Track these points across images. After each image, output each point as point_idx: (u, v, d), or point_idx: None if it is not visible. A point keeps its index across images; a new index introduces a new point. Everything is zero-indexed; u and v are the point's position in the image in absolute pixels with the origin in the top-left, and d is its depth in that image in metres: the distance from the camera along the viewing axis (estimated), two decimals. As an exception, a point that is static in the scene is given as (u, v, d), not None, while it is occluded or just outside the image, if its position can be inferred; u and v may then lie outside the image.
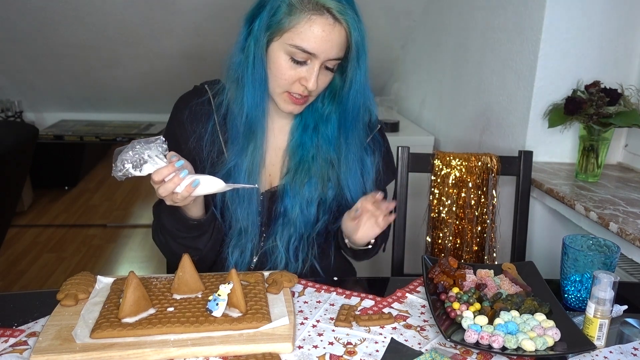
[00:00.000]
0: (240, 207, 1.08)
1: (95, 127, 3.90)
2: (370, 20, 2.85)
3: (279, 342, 0.79)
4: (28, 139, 2.21)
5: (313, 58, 0.97)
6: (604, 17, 1.58)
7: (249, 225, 1.09)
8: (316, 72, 0.98)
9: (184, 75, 3.29)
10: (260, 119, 1.05)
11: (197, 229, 1.03)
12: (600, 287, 0.82)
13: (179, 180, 0.88)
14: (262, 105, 1.04)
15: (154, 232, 1.11)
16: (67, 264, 2.85)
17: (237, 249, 1.11)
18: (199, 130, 1.08)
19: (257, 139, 1.06)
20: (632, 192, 1.42)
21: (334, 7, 0.94)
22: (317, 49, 0.96)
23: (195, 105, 1.10)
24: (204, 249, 1.07)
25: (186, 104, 1.11)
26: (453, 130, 2.33)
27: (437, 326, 0.85)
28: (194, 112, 1.09)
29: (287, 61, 0.98)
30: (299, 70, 0.99)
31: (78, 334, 0.79)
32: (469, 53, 2.13)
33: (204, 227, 1.04)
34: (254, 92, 1.02)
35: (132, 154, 0.86)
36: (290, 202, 1.10)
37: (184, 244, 1.05)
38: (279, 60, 0.98)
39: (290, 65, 0.98)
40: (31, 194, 3.67)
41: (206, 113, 1.09)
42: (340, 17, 0.95)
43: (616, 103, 1.45)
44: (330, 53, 0.97)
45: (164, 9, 2.81)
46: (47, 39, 3.09)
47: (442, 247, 1.55)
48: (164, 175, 0.88)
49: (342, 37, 0.97)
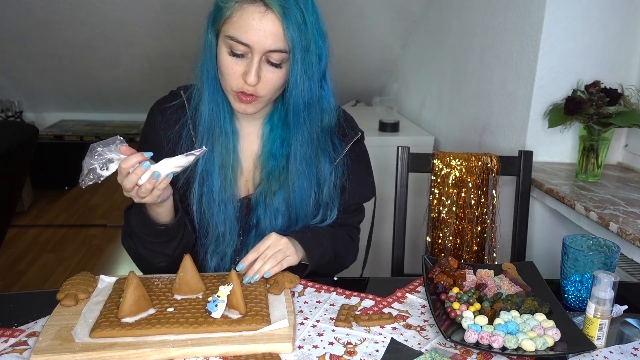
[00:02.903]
0: (217, 212, 1.06)
1: (95, 127, 3.91)
2: (370, 20, 2.88)
3: (279, 342, 0.79)
4: (28, 139, 2.21)
5: (250, 50, 0.92)
6: (604, 17, 1.58)
7: (227, 231, 1.07)
8: (255, 65, 0.92)
9: (184, 75, 3.28)
10: (219, 119, 1.02)
11: (165, 235, 1.01)
12: (600, 287, 0.82)
13: (140, 172, 0.87)
14: (221, 106, 1.01)
15: (123, 236, 1.09)
16: (67, 264, 2.85)
17: (216, 254, 1.09)
18: (172, 136, 1.06)
19: (223, 141, 1.03)
20: (632, 192, 1.42)
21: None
22: (249, 39, 0.90)
23: (168, 109, 1.08)
24: (172, 254, 1.04)
25: (159, 109, 1.08)
26: (453, 130, 2.33)
27: (437, 326, 0.85)
28: (167, 117, 1.07)
29: (228, 55, 0.94)
30: (240, 65, 0.94)
31: (78, 333, 0.79)
32: (469, 53, 2.13)
33: (173, 232, 1.02)
34: (210, 91, 1.00)
35: (96, 157, 0.87)
36: (262, 213, 1.07)
37: (152, 249, 1.03)
38: (221, 55, 0.94)
39: (231, 60, 0.94)
40: (31, 194, 3.67)
41: (179, 118, 1.06)
42: (272, 5, 0.89)
43: (616, 103, 1.45)
44: (265, 44, 0.90)
45: (164, 9, 2.81)
46: (47, 39, 3.10)
47: (442, 247, 1.55)
48: (132, 163, 0.87)
49: (276, 27, 0.90)
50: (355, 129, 1.15)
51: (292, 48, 0.91)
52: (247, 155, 1.10)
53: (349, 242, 1.18)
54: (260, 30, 0.90)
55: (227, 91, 0.99)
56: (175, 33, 3.02)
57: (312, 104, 1.00)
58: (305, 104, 0.99)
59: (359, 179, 1.16)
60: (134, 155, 0.87)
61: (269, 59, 0.93)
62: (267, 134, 1.08)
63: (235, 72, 0.94)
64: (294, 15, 0.90)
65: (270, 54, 0.92)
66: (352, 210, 1.17)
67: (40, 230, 3.27)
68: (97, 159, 0.87)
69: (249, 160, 1.10)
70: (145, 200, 0.91)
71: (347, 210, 1.16)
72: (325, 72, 1.01)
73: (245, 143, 1.09)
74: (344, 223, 1.17)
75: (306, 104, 0.99)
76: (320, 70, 0.98)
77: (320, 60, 0.97)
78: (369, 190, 1.19)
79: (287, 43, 0.91)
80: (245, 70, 0.94)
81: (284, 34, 0.91)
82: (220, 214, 1.06)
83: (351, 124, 1.16)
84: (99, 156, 0.87)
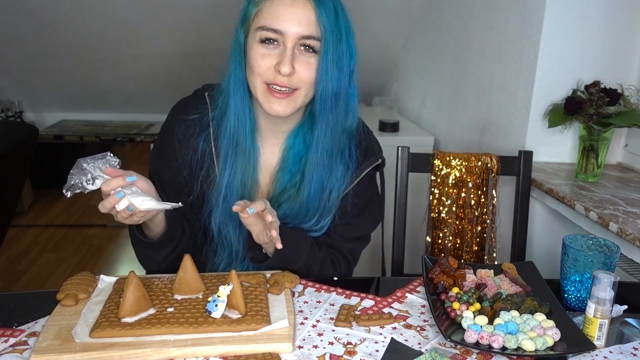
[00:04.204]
0: (233, 230, 1.05)
1: (95, 127, 3.90)
2: (370, 20, 2.88)
3: (279, 342, 0.79)
4: (28, 139, 2.21)
5: (282, 38, 0.91)
6: (604, 17, 1.58)
7: (240, 250, 1.07)
8: (289, 53, 0.91)
9: (184, 75, 3.29)
10: (243, 134, 1.01)
11: (154, 243, 1.01)
12: (600, 287, 0.82)
13: (114, 200, 0.86)
14: (247, 119, 1.00)
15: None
16: (67, 264, 2.85)
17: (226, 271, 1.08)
18: (190, 147, 1.04)
19: (246, 155, 1.02)
20: (632, 192, 1.42)
21: None
22: (280, 24, 0.90)
23: (189, 122, 1.05)
24: (162, 262, 1.04)
25: (180, 119, 1.06)
26: (453, 130, 2.33)
27: (437, 326, 0.85)
28: (187, 129, 1.05)
29: (259, 48, 0.92)
30: (273, 56, 0.92)
31: (78, 333, 0.79)
32: (469, 53, 2.13)
33: (162, 244, 1.01)
34: (237, 99, 0.98)
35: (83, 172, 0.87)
36: None
37: (144, 254, 1.04)
38: (252, 48, 0.93)
39: (262, 52, 0.92)
40: (31, 194, 3.67)
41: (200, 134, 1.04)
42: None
43: (616, 103, 1.45)
44: (297, 28, 0.90)
45: (164, 9, 2.81)
46: (47, 39, 3.10)
47: (442, 247, 1.55)
48: (113, 186, 0.86)
49: (308, 12, 0.90)
50: (379, 152, 1.13)
51: (324, 34, 0.91)
52: (265, 167, 1.08)
53: (327, 265, 1.11)
54: (291, 15, 0.90)
55: (258, 90, 0.96)
56: (175, 33, 3.02)
57: (340, 97, 0.98)
58: (334, 94, 0.96)
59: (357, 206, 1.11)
60: (114, 180, 0.87)
61: (303, 44, 0.92)
62: (288, 149, 1.06)
63: (267, 62, 0.93)
64: (327, 3, 0.90)
65: (303, 40, 0.92)
66: (349, 238, 1.13)
67: (40, 230, 3.27)
68: (84, 174, 0.87)
69: (266, 173, 1.09)
70: (126, 222, 0.92)
71: (344, 236, 1.12)
72: (353, 72, 0.99)
73: (265, 156, 1.07)
74: (332, 245, 1.12)
75: (335, 94, 0.96)
76: (350, 69, 0.98)
77: (350, 58, 0.96)
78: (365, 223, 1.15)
79: (320, 29, 0.91)
80: (278, 60, 0.92)
81: (316, 20, 0.90)
82: (236, 232, 1.06)
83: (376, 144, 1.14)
84: (86, 172, 0.87)
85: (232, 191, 1.03)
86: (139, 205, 0.88)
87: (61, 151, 3.84)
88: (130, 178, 0.88)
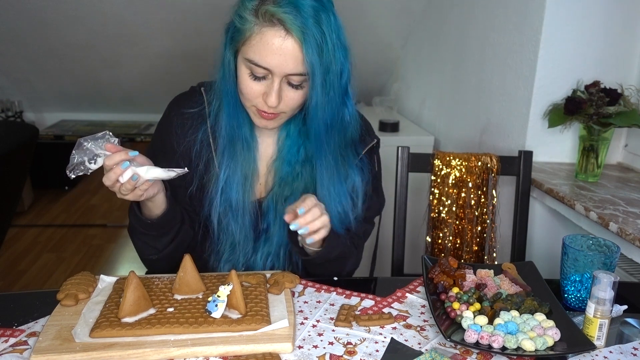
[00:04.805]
0: (234, 221, 1.06)
1: (95, 127, 3.90)
2: (370, 20, 2.88)
3: (279, 342, 0.79)
4: (28, 139, 2.21)
5: (271, 73, 0.92)
6: (604, 17, 1.58)
7: (242, 240, 1.08)
8: (276, 88, 0.92)
9: (184, 75, 3.29)
10: (240, 131, 1.02)
11: (154, 229, 1.02)
12: (600, 287, 0.82)
13: (120, 171, 0.87)
14: (241, 118, 1.02)
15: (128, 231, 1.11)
16: (67, 264, 2.85)
17: (229, 263, 1.10)
18: (189, 141, 1.06)
19: (244, 153, 1.04)
20: (632, 192, 1.42)
21: (285, 18, 0.87)
22: (270, 63, 0.90)
23: (186, 115, 1.07)
24: (163, 249, 1.05)
25: (178, 112, 1.07)
26: (453, 130, 2.33)
27: (437, 326, 0.85)
28: (185, 123, 1.07)
29: (248, 76, 0.94)
30: (261, 86, 0.94)
31: (78, 333, 0.79)
32: (469, 53, 2.13)
33: (162, 227, 1.02)
34: (229, 107, 1.00)
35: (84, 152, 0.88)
36: (272, 219, 1.07)
37: (144, 241, 1.04)
38: (241, 74, 0.95)
39: (252, 82, 0.94)
40: (31, 194, 3.67)
41: (198, 126, 1.06)
42: (292, 29, 0.87)
43: (616, 103, 1.45)
44: (286, 68, 0.90)
45: (164, 9, 2.81)
46: (47, 39, 3.10)
47: (442, 247, 1.55)
48: (116, 160, 0.87)
49: (296, 51, 0.89)
50: (372, 135, 1.14)
51: (311, 72, 0.90)
52: (263, 158, 1.10)
53: (352, 249, 1.14)
54: (280, 54, 0.89)
55: (247, 107, 0.99)
56: (175, 33, 3.02)
57: (334, 125, 0.99)
58: (327, 127, 0.98)
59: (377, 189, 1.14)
60: (117, 154, 0.88)
61: (289, 81, 0.93)
62: (282, 140, 1.08)
63: (255, 92, 0.95)
64: (314, 38, 0.88)
65: (290, 77, 0.92)
66: (365, 219, 1.15)
67: (40, 230, 3.27)
68: (85, 153, 0.88)
69: (264, 163, 1.10)
70: (128, 197, 0.92)
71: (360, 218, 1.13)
72: (347, 86, 0.98)
73: (262, 146, 1.09)
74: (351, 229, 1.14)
75: (328, 126, 0.98)
76: (342, 87, 0.97)
77: (341, 76, 0.95)
78: (376, 202, 1.17)
79: (307, 67, 0.90)
80: (265, 91, 0.94)
81: (302, 58, 0.90)
82: (237, 223, 1.06)
83: (368, 128, 1.15)
84: (87, 151, 0.88)
85: (232, 182, 1.04)
86: (144, 174, 0.88)
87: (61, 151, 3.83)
88: (132, 153, 0.89)
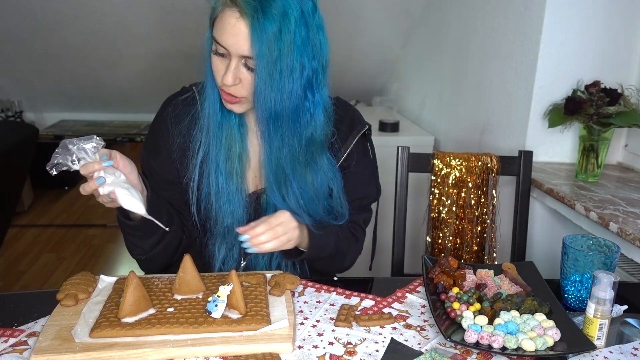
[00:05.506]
0: (223, 205, 1.06)
1: (95, 127, 3.90)
2: (370, 20, 2.88)
3: (279, 342, 0.79)
4: (28, 139, 2.21)
5: (229, 53, 0.92)
6: (604, 17, 1.58)
7: (234, 223, 1.06)
8: (232, 67, 0.92)
9: (184, 75, 3.28)
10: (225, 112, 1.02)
11: (139, 229, 1.01)
12: (600, 287, 0.82)
13: (95, 185, 0.88)
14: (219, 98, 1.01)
15: None
16: (67, 264, 2.85)
17: (224, 246, 1.10)
18: (183, 129, 1.06)
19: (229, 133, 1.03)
20: (632, 192, 1.42)
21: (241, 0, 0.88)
22: (225, 42, 0.90)
23: (179, 102, 1.08)
24: (150, 250, 1.04)
25: (170, 103, 1.09)
26: (453, 130, 2.33)
27: (437, 326, 0.85)
28: (178, 110, 1.08)
29: (214, 57, 0.95)
30: (222, 64, 0.94)
31: (78, 333, 0.79)
32: (469, 53, 2.13)
33: (145, 229, 1.01)
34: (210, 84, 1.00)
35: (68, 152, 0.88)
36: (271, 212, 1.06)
37: (132, 241, 1.05)
38: (211, 53, 0.96)
39: (215, 59, 0.95)
40: (31, 194, 3.67)
41: (190, 111, 1.07)
42: (245, 12, 0.87)
43: (616, 103, 1.45)
44: (239, 49, 0.90)
45: (164, 9, 2.81)
46: (47, 39, 3.10)
47: (442, 247, 1.55)
48: (89, 170, 0.88)
49: (246, 32, 0.89)
50: (362, 122, 1.14)
51: (256, 56, 0.89)
52: (256, 150, 1.09)
53: (351, 240, 1.15)
54: (233, 35, 0.89)
55: (219, 88, 0.99)
56: (175, 33, 3.02)
57: (285, 116, 0.96)
58: (275, 116, 0.95)
59: (362, 175, 1.14)
60: (90, 164, 0.88)
61: (246, 62, 0.93)
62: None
63: (217, 69, 0.95)
64: (266, 25, 0.87)
65: (246, 59, 0.92)
66: (356, 206, 1.15)
67: (40, 230, 3.27)
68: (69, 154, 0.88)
69: (257, 155, 1.09)
70: (107, 205, 0.94)
71: (351, 205, 1.14)
72: (312, 84, 0.97)
73: (254, 138, 1.07)
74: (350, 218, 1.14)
75: (276, 116, 0.95)
76: (300, 81, 0.94)
77: (292, 72, 0.92)
78: (373, 189, 1.17)
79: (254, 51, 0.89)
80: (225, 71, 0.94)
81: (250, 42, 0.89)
82: (226, 207, 1.06)
83: (358, 117, 1.15)
84: (71, 152, 0.88)
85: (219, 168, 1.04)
86: (122, 202, 0.89)
87: (61, 151, 3.83)
88: (106, 163, 0.89)
